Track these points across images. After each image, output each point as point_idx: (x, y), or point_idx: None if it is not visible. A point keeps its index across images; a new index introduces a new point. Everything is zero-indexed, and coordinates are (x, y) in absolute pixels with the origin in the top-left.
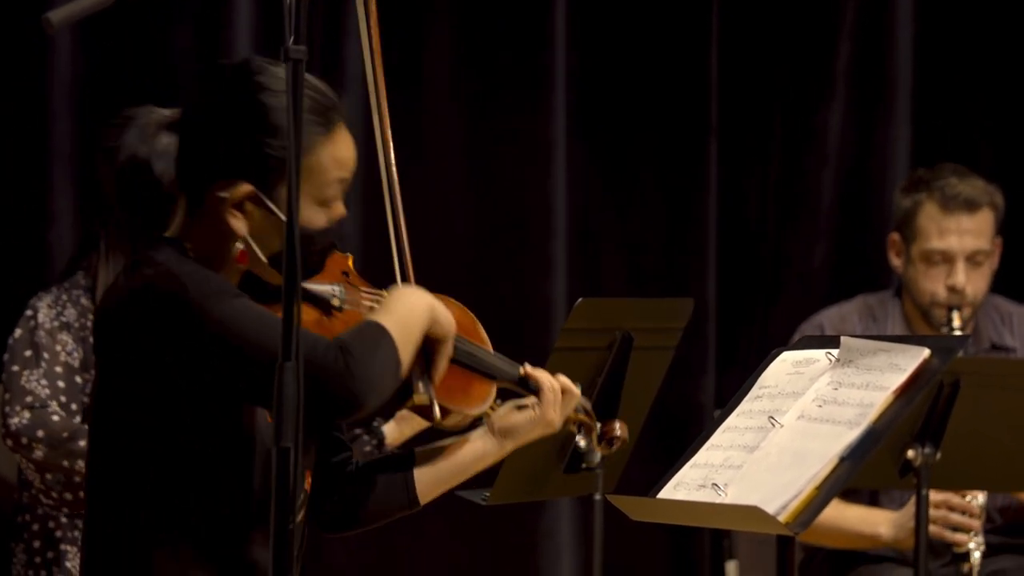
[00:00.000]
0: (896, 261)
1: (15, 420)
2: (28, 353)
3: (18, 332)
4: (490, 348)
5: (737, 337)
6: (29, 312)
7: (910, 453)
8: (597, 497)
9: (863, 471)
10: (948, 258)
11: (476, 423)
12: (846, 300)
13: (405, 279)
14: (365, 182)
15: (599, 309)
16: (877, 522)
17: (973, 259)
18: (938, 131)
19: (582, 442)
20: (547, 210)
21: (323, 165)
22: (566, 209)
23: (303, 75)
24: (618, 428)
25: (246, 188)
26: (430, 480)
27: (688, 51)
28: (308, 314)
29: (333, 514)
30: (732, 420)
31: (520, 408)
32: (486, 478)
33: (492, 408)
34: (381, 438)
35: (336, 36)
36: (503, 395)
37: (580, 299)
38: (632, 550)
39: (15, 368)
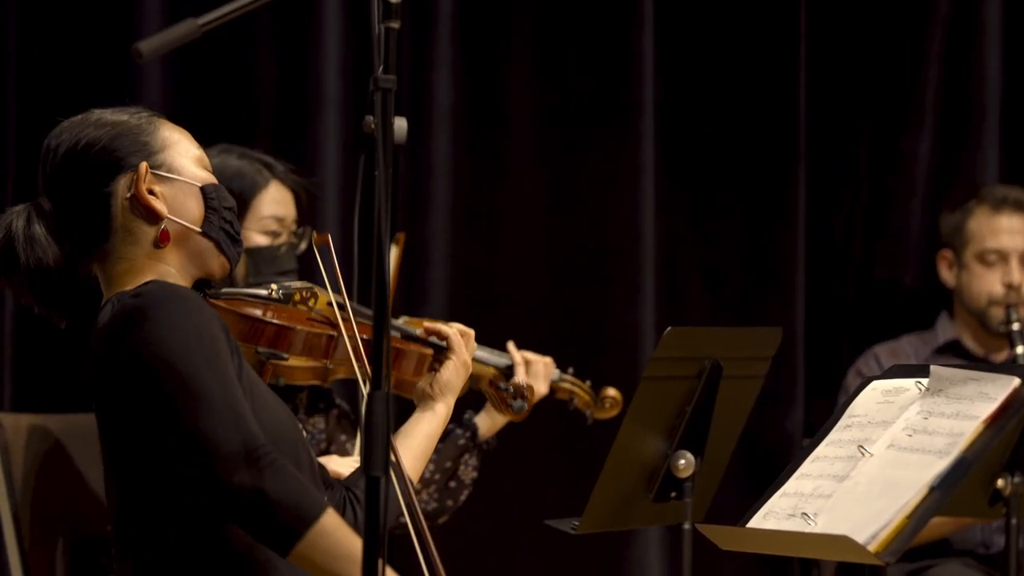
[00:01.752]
0: (947, 275)
1: None
2: None
3: None
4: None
5: (826, 366)
6: None
7: (1000, 482)
8: (686, 526)
9: (952, 500)
10: (1003, 256)
11: None
12: (895, 339)
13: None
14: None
15: (688, 338)
16: None
17: None
18: None
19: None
20: (635, 238)
21: (175, 135)
22: (654, 237)
23: (392, 105)
24: (611, 391)
25: (143, 165)
26: (408, 460)
27: (776, 78)
28: (246, 303)
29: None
30: (822, 449)
31: (437, 367)
32: (575, 507)
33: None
34: (475, 430)
35: (424, 66)
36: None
37: (669, 328)
38: None
39: None
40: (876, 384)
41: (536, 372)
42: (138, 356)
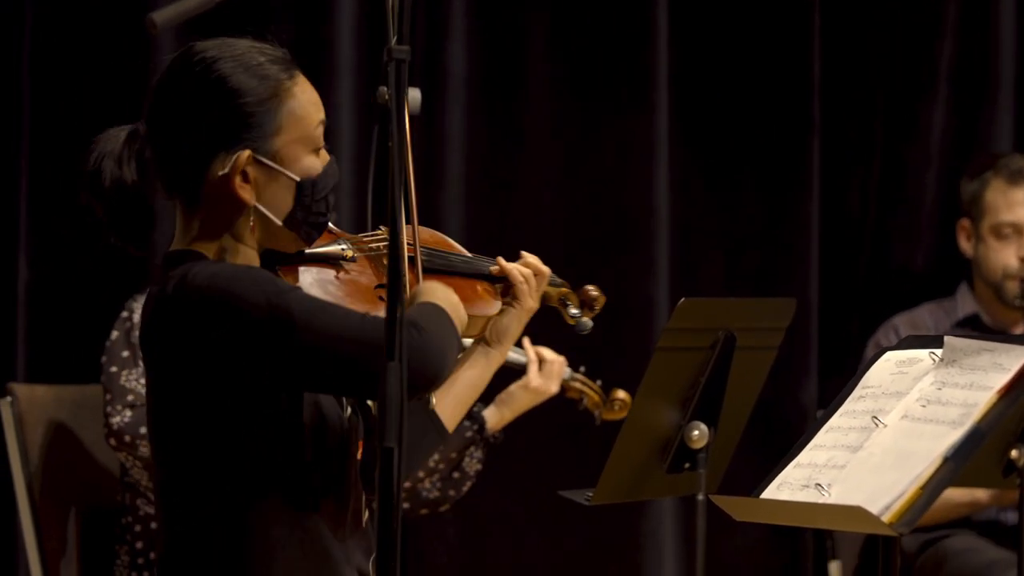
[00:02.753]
0: (966, 245)
1: (117, 419)
2: (126, 353)
3: (115, 334)
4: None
5: (840, 337)
6: (125, 313)
7: (1014, 453)
8: (700, 497)
9: (966, 471)
10: (1018, 230)
11: None
12: (915, 307)
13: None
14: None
15: (702, 309)
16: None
17: None
18: None
19: (572, 310)
20: (649, 210)
21: (305, 108)
22: (668, 209)
23: (406, 75)
24: (592, 289)
25: (245, 153)
26: (450, 406)
27: (790, 49)
28: (326, 273)
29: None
30: (835, 420)
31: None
32: (589, 478)
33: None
34: (482, 423)
35: (439, 36)
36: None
37: (683, 299)
38: (735, 550)
39: (114, 369)
40: (890, 355)
41: (549, 371)
42: (219, 298)
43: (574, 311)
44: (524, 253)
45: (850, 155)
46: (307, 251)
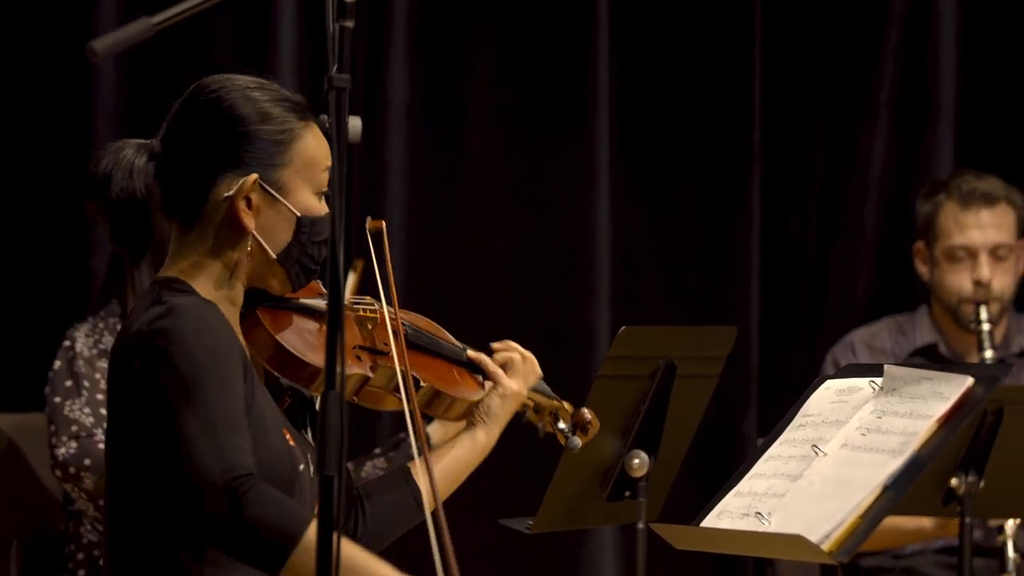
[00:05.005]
0: (922, 268)
1: (62, 450)
2: (69, 383)
3: (57, 364)
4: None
5: (780, 365)
6: (67, 343)
7: (954, 482)
8: (640, 526)
9: (906, 500)
10: (971, 253)
11: None
12: (875, 321)
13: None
14: None
15: (642, 337)
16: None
17: (996, 253)
18: (981, 156)
19: (562, 425)
20: (590, 236)
21: (316, 151)
22: (609, 236)
23: (347, 104)
24: (587, 413)
25: (252, 177)
26: (443, 484)
27: (731, 76)
28: (307, 324)
29: (354, 535)
30: (775, 449)
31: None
32: (529, 506)
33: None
34: (427, 440)
35: (380, 65)
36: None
37: (623, 327)
38: None
39: (57, 399)
40: (830, 383)
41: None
42: (156, 357)
43: (562, 426)
44: (507, 342)
45: (790, 182)
46: (294, 300)
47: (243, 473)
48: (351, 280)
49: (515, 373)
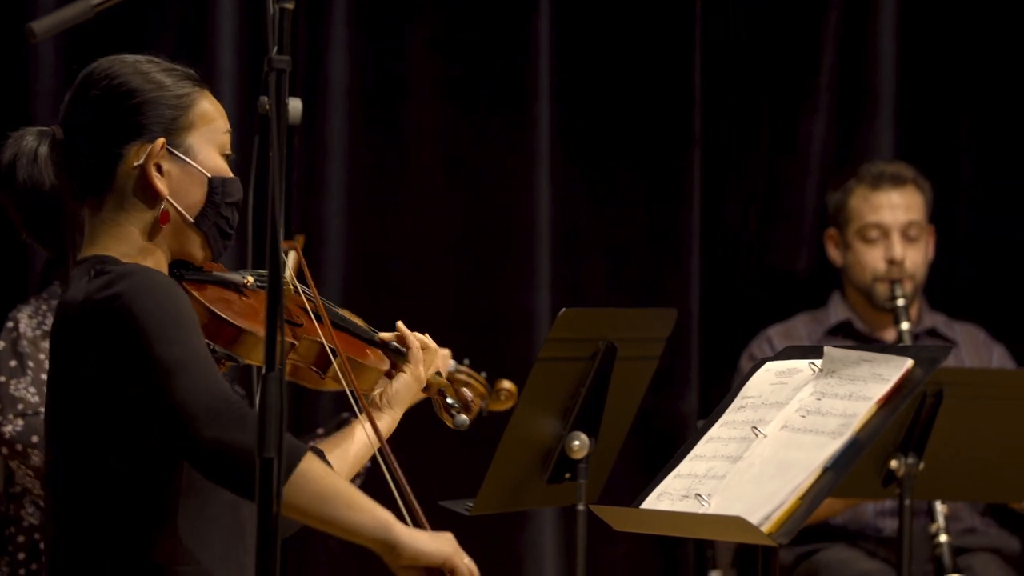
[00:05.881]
0: (835, 254)
1: (8, 428)
2: (13, 363)
3: (1, 344)
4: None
5: (720, 347)
6: (10, 324)
7: (893, 463)
8: (580, 507)
9: (846, 481)
10: (884, 232)
11: None
12: (790, 318)
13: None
14: None
15: (583, 319)
16: None
17: (907, 233)
18: (919, 142)
19: (451, 401)
20: (531, 221)
21: (215, 113)
22: (550, 220)
23: (287, 85)
24: (468, 393)
25: (160, 141)
26: (345, 467)
27: (672, 62)
28: (228, 294)
29: None
30: (715, 431)
31: (393, 376)
32: (469, 488)
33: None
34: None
35: (320, 46)
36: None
37: (564, 309)
38: (616, 560)
39: (2, 379)
40: (770, 365)
41: (431, 359)
42: (118, 317)
43: (469, 395)
44: (416, 333)
45: (731, 166)
46: (213, 273)
47: (233, 398)
48: (292, 257)
49: (416, 360)
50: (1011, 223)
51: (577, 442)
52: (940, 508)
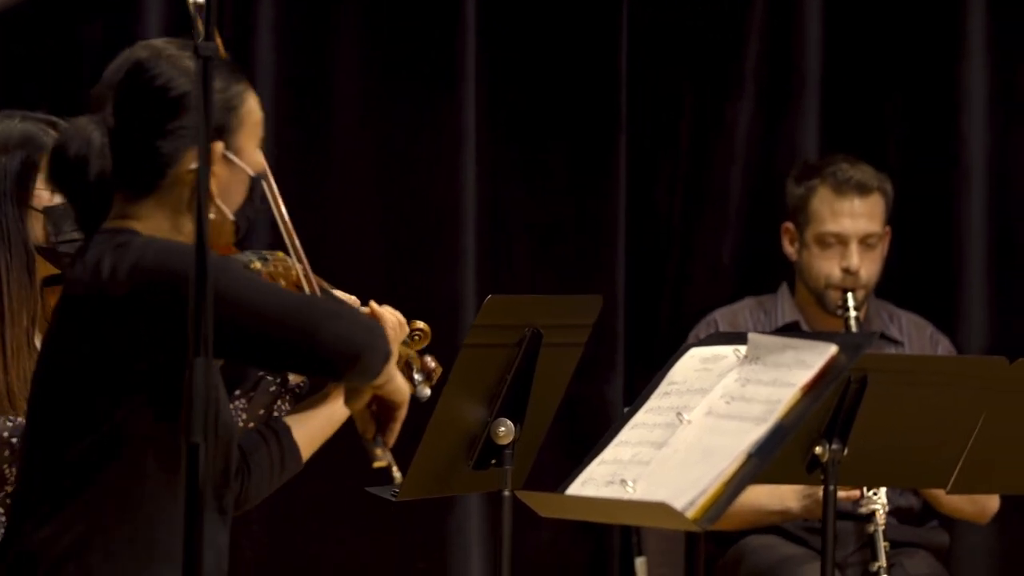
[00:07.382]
0: (790, 249)
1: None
2: None
3: None
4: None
5: (646, 333)
6: None
7: (818, 449)
8: (506, 493)
9: (771, 467)
10: (842, 240)
11: None
12: (737, 301)
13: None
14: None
15: (508, 306)
16: (784, 496)
17: (866, 242)
18: (845, 127)
19: (417, 376)
20: (457, 204)
21: (257, 110)
22: (476, 203)
23: (213, 72)
24: (431, 360)
25: (219, 147)
26: (307, 440)
27: (598, 45)
28: None
29: (243, 493)
30: (640, 416)
31: None
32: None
33: None
34: (285, 376)
35: (246, 29)
36: None
37: (489, 296)
38: (541, 546)
39: None
40: (694, 351)
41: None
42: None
43: (418, 377)
44: (384, 307)
45: (657, 151)
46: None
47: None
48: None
49: (394, 340)
50: (937, 206)
51: (503, 428)
52: (879, 511)
